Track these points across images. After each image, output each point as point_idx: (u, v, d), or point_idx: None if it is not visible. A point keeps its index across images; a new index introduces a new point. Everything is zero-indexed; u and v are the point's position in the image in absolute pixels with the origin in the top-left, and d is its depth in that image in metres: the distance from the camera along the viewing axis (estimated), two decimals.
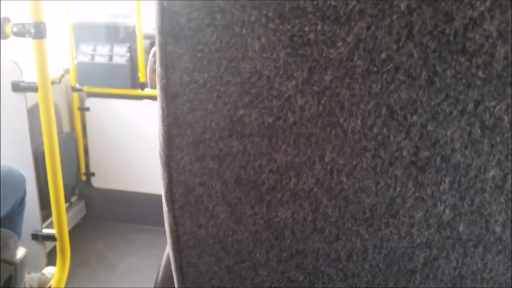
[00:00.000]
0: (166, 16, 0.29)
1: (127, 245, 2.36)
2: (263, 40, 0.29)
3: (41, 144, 1.85)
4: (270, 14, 0.28)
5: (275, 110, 0.30)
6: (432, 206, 0.32)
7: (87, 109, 2.43)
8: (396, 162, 0.31)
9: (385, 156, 0.30)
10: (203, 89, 0.31)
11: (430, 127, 0.29)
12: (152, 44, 2.82)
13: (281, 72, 0.29)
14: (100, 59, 2.31)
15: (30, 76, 1.55)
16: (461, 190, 0.31)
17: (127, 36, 2.33)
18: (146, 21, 2.33)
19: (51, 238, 1.40)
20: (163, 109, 0.32)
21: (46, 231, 1.53)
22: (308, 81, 0.29)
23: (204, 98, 0.31)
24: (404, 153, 0.30)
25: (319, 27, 0.28)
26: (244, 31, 0.29)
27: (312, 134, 0.31)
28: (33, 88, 1.33)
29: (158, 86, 0.32)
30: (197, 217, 0.35)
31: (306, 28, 0.28)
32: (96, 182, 2.57)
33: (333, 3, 0.27)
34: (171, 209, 0.36)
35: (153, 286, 0.56)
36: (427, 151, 0.30)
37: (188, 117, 0.32)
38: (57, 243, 1.40)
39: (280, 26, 0.28)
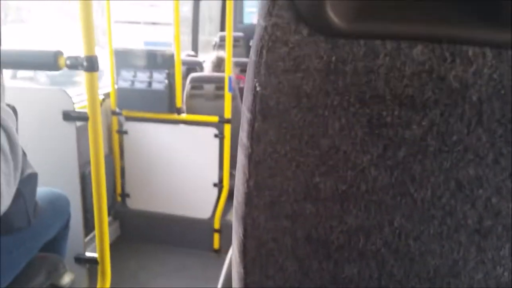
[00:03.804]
0: (257, 99, 0.33)
1: (159, 266, 2.40)
2: (343, 120, 0.32)
3: (84, 166, 1.92)
4: (351, 100, 0.31)
5: (349, 179, 0.34)
6: (492, 269, 0.34)
7: (125, 132, 2.51)
8: (461, 229, 0.33)
9: (451, 224, 0.33)
10: (284, 158, 0.34)
11: (494, 200, 0.32)
12: (188, 70, 2.90)
13: (358, 148, 0.33)
14: (140, 85, 2.40)
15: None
16: None
17: (165, 62, 2.41)
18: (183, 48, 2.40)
19: (94, 261, 1.45)
20: (244, 173, 0.36)
21: (88, 254, 1.59)
22: (383, 156, 0.32)
23: (284, 166, 0.34)
24: (469, 221, 0.33)
25: (396, 112, 0.31)
26: (326, 113, 0.32)
27: (382, 201, 0.34)
28: (83, 118, 1.40)
29: (242, 154, 0.36)
30: (267, 269, 0.39)
31: (384, 112, 0.31)
32: (131, 203, 2.63)
33: (410, 93, 0.30)
34: (242, 260, 0.39)
35: None
36: (490, 220, 0.33)
37: (268, 181, 0.35)
38: (99, 266, 1.45)
39: (360, 110, 0.32)
